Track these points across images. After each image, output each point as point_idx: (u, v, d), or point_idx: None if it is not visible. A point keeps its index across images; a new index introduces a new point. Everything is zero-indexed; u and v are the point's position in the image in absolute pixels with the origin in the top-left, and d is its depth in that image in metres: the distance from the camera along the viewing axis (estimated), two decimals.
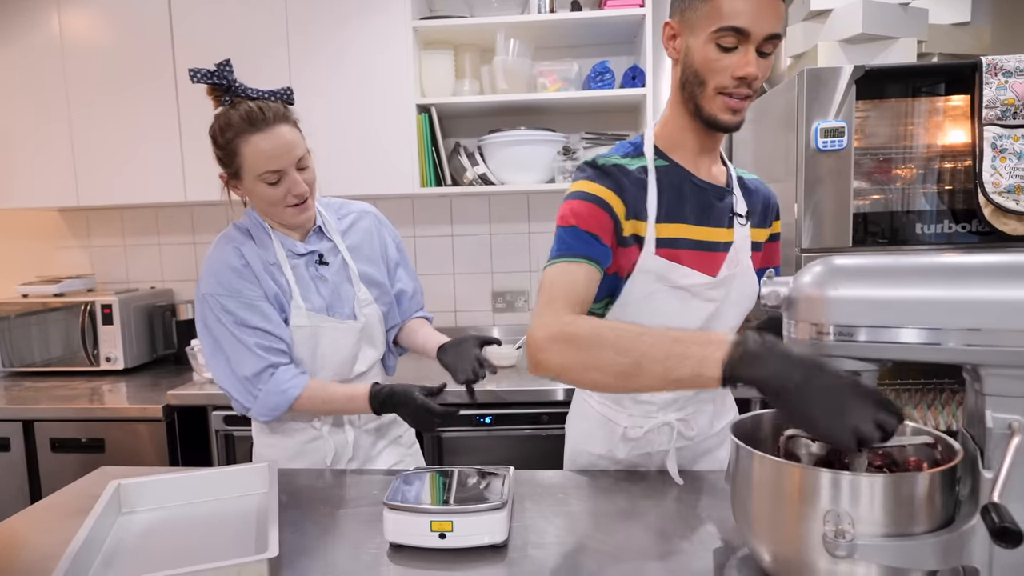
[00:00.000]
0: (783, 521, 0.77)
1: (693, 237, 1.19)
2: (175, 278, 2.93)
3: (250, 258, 1.35)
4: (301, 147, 1.32)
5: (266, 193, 1.31)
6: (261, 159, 1.28)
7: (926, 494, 0.72)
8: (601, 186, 1.14)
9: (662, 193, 1.17)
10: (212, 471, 1.22)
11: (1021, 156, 1.75)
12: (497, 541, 0.99)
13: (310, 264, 1.43)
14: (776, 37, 1.06)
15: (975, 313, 0.70)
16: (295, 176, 1.31)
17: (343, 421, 1.45)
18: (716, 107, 1.11)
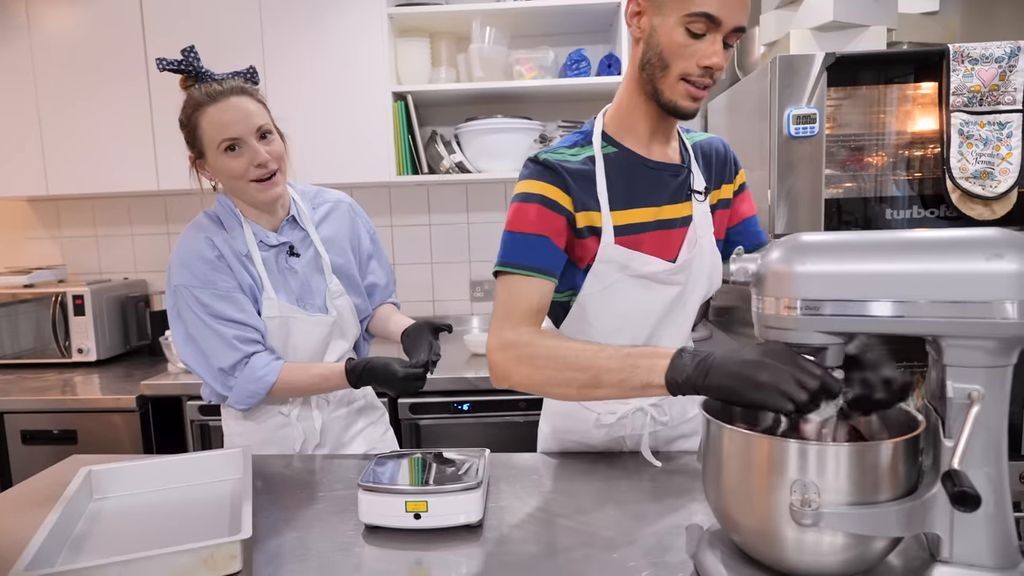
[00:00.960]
0: (751, 493, 0.78)
1: (651, 219, 1.18)
2: (148, 269, 2.88)
3: (222, 248, 1.34)
4: (261, 117, 1.31)
5: (228, 165, 1.30)
6: (218, 128, 1.28)
7: (890, 463, 0.73)
8: (544, 183, 1.12)
9: (612, 181, 1.15)
10: (185, 457, 1.21)
11: (987, 142, 1.79)
12: (472, 521, 0.99)
13: (280, 255, 1.42)
14: (742, 30, 1.06)
15: (934, 285, 0.71)
16: (255, 145, 1.29)
17: (311, 406, 1.45)
18: (677, 93, 1.08)
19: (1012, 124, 1.77)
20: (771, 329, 0.81)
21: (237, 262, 1.35)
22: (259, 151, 1.30)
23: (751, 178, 1.41)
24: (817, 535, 0.74)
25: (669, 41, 1.05)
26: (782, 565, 0.78)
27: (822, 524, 0.71)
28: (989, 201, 1.80)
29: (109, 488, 1.16)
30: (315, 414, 1.45)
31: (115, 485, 1.17)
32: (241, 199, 1.38)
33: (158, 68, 1.30)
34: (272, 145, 1.33)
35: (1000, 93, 1.77)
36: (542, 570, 0.90)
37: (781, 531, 0.75)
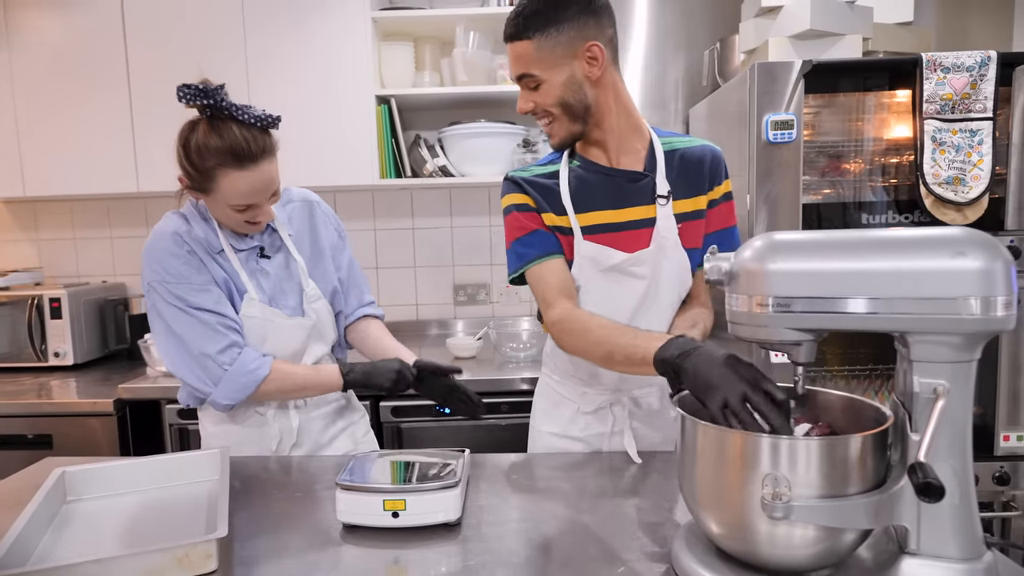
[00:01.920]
0: (724, 486, 0.79)
1: (611, 220, 1.31)
2: (128, 272, 2.85)
3: (192, 244, 1.32)
4: (277, 180, 1.30)
5: (229, 216, 1.30)
6: (238, 195, 1.25)
7: (858, 457, 0.75)
8: (517, 194, 1.34)
9: (575, 188, 1.32)
10: (161, 458, 1.20)
11: (959, 149, 1.82)
12: (451, 519, 1.00)
13: (251, 257, 1.40)
14: (524, 77, 1.24)
15: (901, 282, 0.73)
16: (267, 207, 1.30)
17: (288, 406, 1.43)
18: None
19: (983, 131, 1.81)
20: (743, 326, 0.83)
21: (210, 258, 1.33)
22: (268, 213, 1.32)
23: (732, 185, 1.43)
24: (788, 528, 0.75)
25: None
26: (754, 559, 0.80)
27: (792, 517, 0.72)
28: (961, 207, 1.84)
29: (83, 490, 1.15)
30: (291, 413, 1.43)
31: (89, 487, 1.15)
32: (224, 225, 1.36)
33: (179, 98, 1.22)
34: (276, 197, 1.32)
35: (971, 101, 1.81)
36: (520, 568, 0.91)
37: (753, 525, 0.76)
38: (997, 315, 0.70)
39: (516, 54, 1.22)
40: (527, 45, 1.20)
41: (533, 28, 1.20)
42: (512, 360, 2.29)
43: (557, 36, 1.20)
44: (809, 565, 0.78)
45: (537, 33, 1.20)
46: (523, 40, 1.20)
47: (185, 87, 1.21)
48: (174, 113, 2.40)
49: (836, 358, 2.16)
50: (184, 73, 2.32)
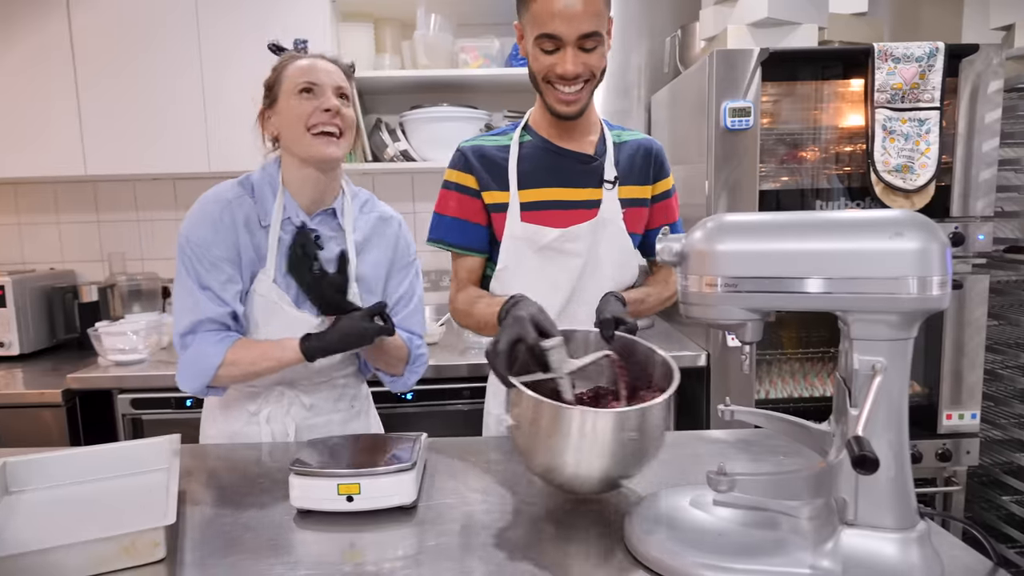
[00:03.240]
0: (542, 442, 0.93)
1: (555, 198, 1.35)
2: (77, 259, 2.77)
3: (235, 213, 1.28)
4: (342, 81, 1.31)
5: (298, 106, 1.27)
6: (301, 73, 1.28)
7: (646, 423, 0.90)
8: (459, 171, 1.39)
9: (523, 164, 1.35)
10: (108, 447, 1.17)
11: (908, 137, 1.88)
12: (406, 502, 0.99)
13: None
14: (593, 35, 1.19)
15: (842, 263, 0.75)
16: (330, 95, 1.28)
17: (284, 406, 1.37)
18: (552, 100, 1.28)
19: (930, 121, 1.87)
20: (694, 306, 0.84)
21: (246, 231, 1.29)
22: (332, 99, 1.28)
23: (691, 171, 1.47)
24: (589, 472, 0.92)
25: (532, 59, 1.26)
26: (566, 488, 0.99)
27: (736, 490, 0.74)
28: (909, 194, 1.90)
29: (26, 481, 1.12)
30: (287, 420, 1.36)
31: (33, 477, 1.12)
32: (296, 153, 1.30)
33: (269, 49, 1.37)
34: (347, 109, 1.31)
35: (920, 91, 1.86)
36: (476, 549, 0.91)
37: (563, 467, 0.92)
38: (932, 294, 0.73)
39: (587, 10, 1.17)
40: (599, 2, 1.19)
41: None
42: (475, 346, 2.29)
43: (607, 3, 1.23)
44: (604, 489, 1.00)
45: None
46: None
47: (273, 44, 1.38)
48: (122, 94, 2.33)
49: (790, 341, 2.21)
50: (132, 53, 2.27)
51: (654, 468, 1.16)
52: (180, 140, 2.33)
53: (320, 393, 1.40)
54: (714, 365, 2.05)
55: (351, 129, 1.31)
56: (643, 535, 0.87)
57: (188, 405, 2.03)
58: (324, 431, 1.38)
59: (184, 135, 2.32)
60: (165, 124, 2.32)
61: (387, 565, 0.88)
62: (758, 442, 1.29)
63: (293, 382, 1.37)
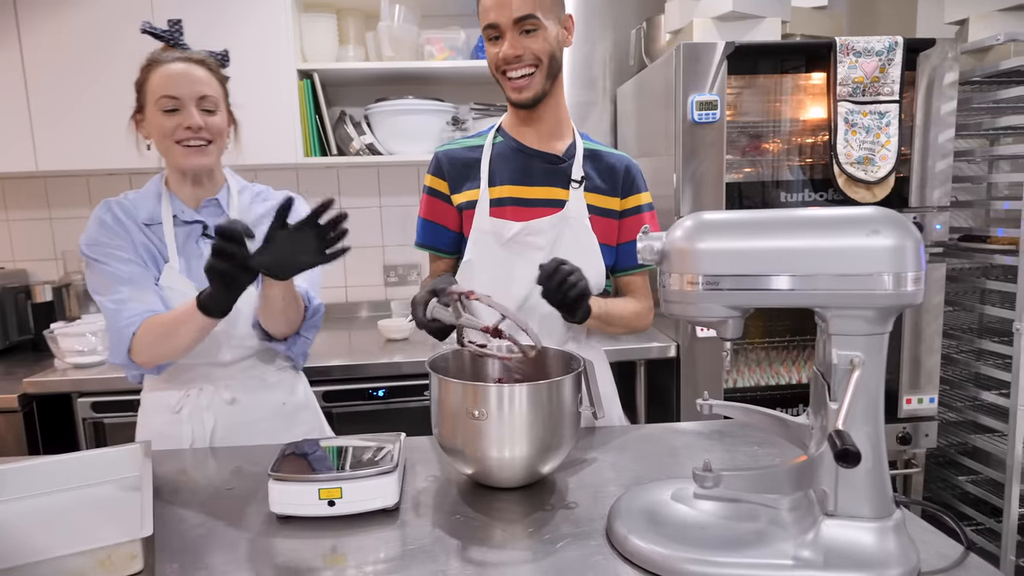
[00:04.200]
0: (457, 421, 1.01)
1: (520, 196, 1.40)
2: (29, 257, 2.66)
3: (121, 214, 1.32)
4: (209, 88, 1.30)
5: (160, 122, 1.27)
6: (161, 86, 1.26)
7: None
8: (433, 176, 1.45)
9: (494, 163, 1.41)
10: (76, 455, 1.13)
11: (869, 130, 1.92)
12: (388, 505, 0.99)
13: (192, 235, 1.36)
14: (528, 18, 1.25)
15: (820, 260, 0.76)
16: (192, 110, 1.27)
17: (202, 404, 1.36)
18: (507, 90, 1.34)
19: (890, 114, 1.92)
20: (675, 304, 0.85)
21: (137, 229, 1.33)
22: (193, 116, 1.27)
23: (658, 164, 1.49)
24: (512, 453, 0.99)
25: (486, 51, 1.33)
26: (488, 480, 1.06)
27: (722, 485, 0.75)
28: (871, 185, 1.95)
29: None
30: (205, 415, 1.35)
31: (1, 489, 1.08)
32: (167, 162, 1.34)
33: (141, 29, 1.31)
34: (212, 118, 1.31)
35: (880, 84, 1.91)
36: (460, 551, 0.91)
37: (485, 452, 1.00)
38: (908, 290, 0.74)
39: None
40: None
41: None
42: (447, 340, 2.27)
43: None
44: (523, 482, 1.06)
45: None
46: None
47: (147, 23, 1.32)
48: (72, 87, 2.24)
49: (757, 331, 2.26)
50: (83, 44, 2.18)
51: (633, 462, 1.18)
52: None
53: (242, 387, 1.39)
54: (684, 356, 2.08)
55: (221, 135, 1.34)
56: (627, 531, 0.88)
57: None
58: (253, 432, 1.37)
59: None
60: (120, 118, 2.24)
61: (370, 568, 0.87)
62: (731, 433, 1.31)
63: (210, 376, 1.37)
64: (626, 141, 2.60)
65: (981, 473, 2.27)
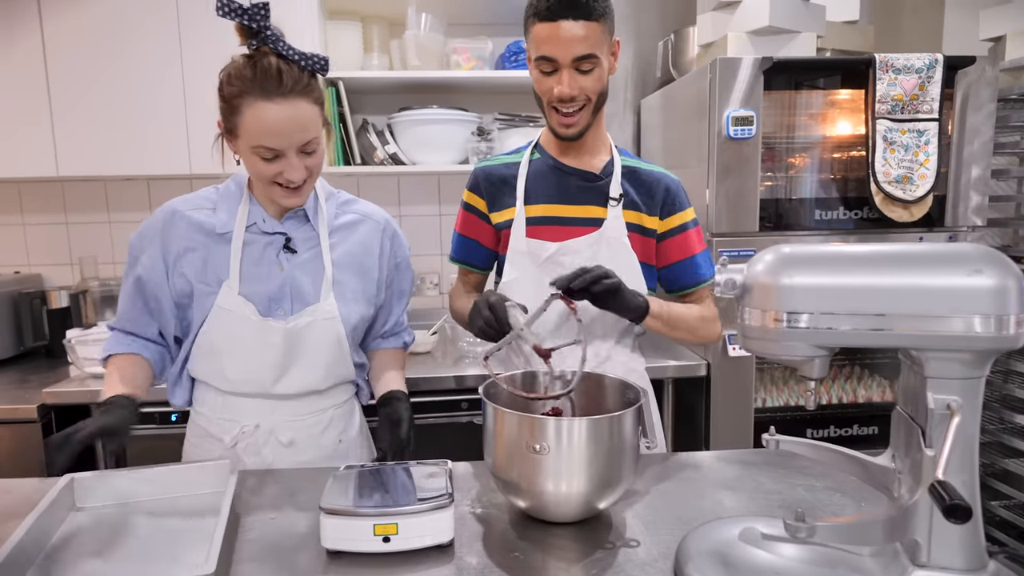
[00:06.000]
0: (513, 454, 0.98)
1: (558, 214, 1.38)
2: (44, 262, 2.62)
3: (186, 227, 1.24)
4: (313, 130, 1.14)
5: (257, 166, 1.15)
6: (261, 132, 1.11)
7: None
8: (472, 193, 1.46)
9: (531, 181, 1.40)
10: (170, 468, 1.13)
11: (908, 148, 1.89)
12: (443, 541, 0.95)
13: (272, 247, 1.26)
14: (588, 58, 1.22)
15: (918, 299, 0.73)
16: (294, 160, 1.14)
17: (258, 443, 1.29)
18: (553, 122, 1.32)
19: (929, 132, 1.89)
20: (755, 340, 0.81)
21: (208, 239, 1.24)
22: (296, 168, 1.14)
23: (686, 177, 1.47)
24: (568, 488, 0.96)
25: (534, 79, 1.30)
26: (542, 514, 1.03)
27: (816, 537, 0.71)
28: (908, 204, 1.91)
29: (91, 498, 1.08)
30: (264, 451, 1.29)
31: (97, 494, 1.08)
32: (256, 192, 1.27)
33: (218, 10, 1.09)
34: (313, 158, 1.17)
35: (919, 102, 1.88)
36: None
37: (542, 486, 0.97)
38: (1009, 333, 0.71)
39: (582, 34, 1.20)
40: (596, 26, 1.22)
41: (601, 10, 1.22)
42: (469, 355, 2.24)
43: (608, 23, 1.25)
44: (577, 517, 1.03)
45: (603, 17, 1.23)
46: (593, 21, 1.21)
47: (226, 2, 1.09)
48: (98, 93, 2.21)
49: None
50: (107, 51, 2.14)
51: (685, 494, 1.14)
52: (160, 141, 2.21)
53: (302, 427, 1.31)
54: (714, 374, 2.05)
55: (319, 167, 1.21)
56: (696, 564, 0.84)
57: (173, 420, 1.94)
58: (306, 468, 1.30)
59: (164, 136, 2.21)
60: (144, 124, 2.21)
61: None
62: (782, 464, 1.27)
63: (268, 411, 1.29)
64: (651, 153, 2.56)
65: (1014, 498, 2.23)
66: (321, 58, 1.15)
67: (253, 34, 1.11)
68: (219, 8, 1.08)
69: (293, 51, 1.13)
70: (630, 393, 1.08)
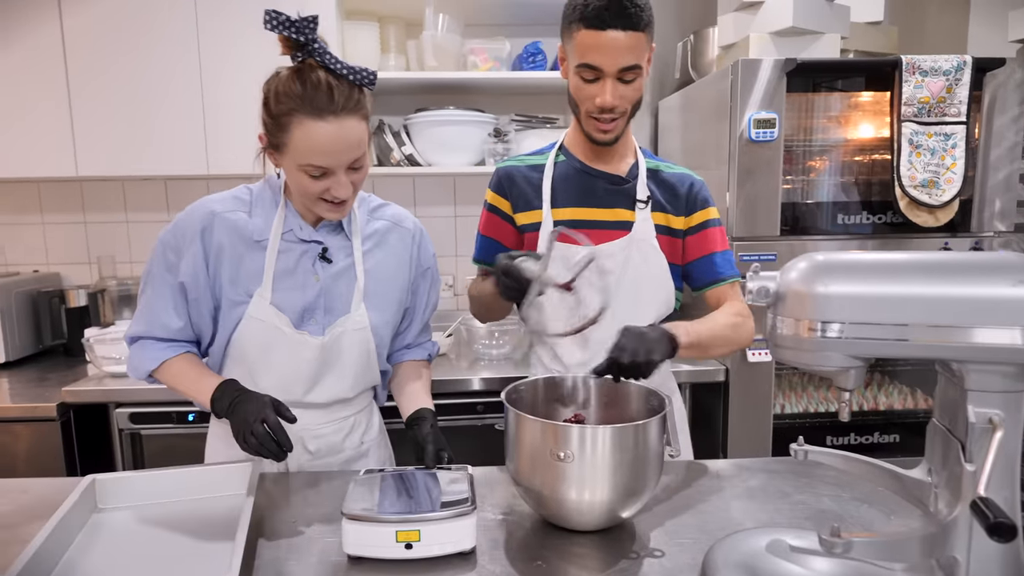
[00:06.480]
0: (536, 461, 0.97)
1: (586, 218, 1.36)
2: (62, 261, 2.64)
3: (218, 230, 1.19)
4: (361, 147, 1.11)
5: (303, 183, 1.12)
6: (310, 150, 1.08)
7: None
8: (495, 193, 1.43)
9: (556, 184, 1.38)
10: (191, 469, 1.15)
11: (934, 152, 1.86)
12: (465, 548, 0.94)
13: (308, 255, 1.23)
14: (633, 68, 1.21)
15: (959, 310, 0.71)
16: (342, 178, 1.11)
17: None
18: (589, 128, 1.30)
19: (956, 135, 1.85)
20: (787, 349, 0.79)
21: (244, 245, 1.19)
22: (344, 185, 1.12)
23: (707, 179, 1.45)
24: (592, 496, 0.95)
25: (573, 86, 1.27)
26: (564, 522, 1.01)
27: (853, 553, 0.70)
28: (934, 209, 1.88)
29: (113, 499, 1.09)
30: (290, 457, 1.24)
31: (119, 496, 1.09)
32: (298, 206, 1.23)
33: (266, 23, 1.04)
34: (359, 173, 1.14)
35: (946, 105, 1.85)
36: None
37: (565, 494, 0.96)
38: None
39: (628, 44, 1.18)
40: (642, 36, 1.20)
41: (647, 20, 1.20)
42: (484, 357, 2.23)
43: (651, 32, 1.23)
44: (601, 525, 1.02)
45: (648, 27, 1.21)
46: (639, 31, 1.19)
47: (273, 11, 1.04)
48: (116, 93, 2.21)
49: None
50: (127, 52, 2.15)
51: (710, 503, 1.12)
52: (177, 141, 2.22)
53: (327, 433, 1.30)
54: (732, 379, 2.02)
55: (360, 185, 1.18)
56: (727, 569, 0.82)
57: (190, 420, 1.94)
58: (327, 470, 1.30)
59: (182, 136, 2.22)
60: (162, 124, 2.22)
61: None
62: (805, 472, 1.25)
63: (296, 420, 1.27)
64: (670, 155, 2.54)
65: None
66: (370, 72, 1.11)
67: (299, 46, 1.07)
68: (267, 22, 1.05)
69: (341, 64, 1.08)
70: (654, 400, 1.07)
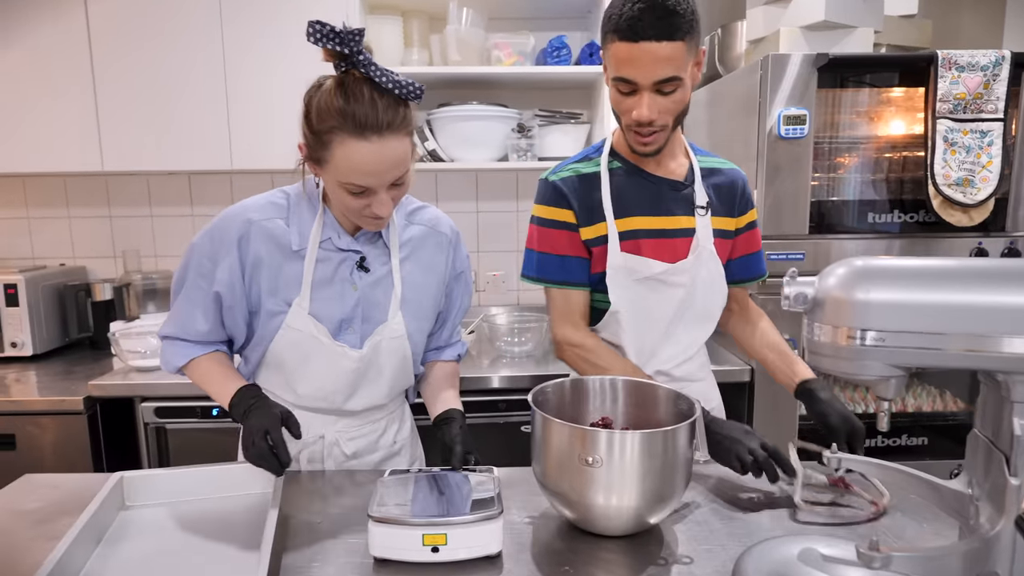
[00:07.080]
0: (564, 465, 0.96)
1: (650, 227, 1.30)
2: (88, 255, 2.67)
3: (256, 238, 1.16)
4: (404, 165, 1.07)
5: (344, 199, 1.09)
6: (352, 169, 1.04)
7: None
8: (554, 208, 1.31)
9: (616, 191, 1.31)
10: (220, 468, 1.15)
11: (970, 150, 1.81)
12: (492, 552, 0.93)
13: (345, 264, 1.21)
14: (671, 80, 1.14)
15: (1006, 319, 0.68)
16: (383, 196, 1.08)
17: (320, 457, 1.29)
18: (631, 139, 1.25)
19: (993, 133, 1.80)
20: (825, 357, 0.77)
21: (281, 254, 1.17)
22: (385, 204, 1.09)
23: None
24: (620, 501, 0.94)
25: (611, 98, 1.23)
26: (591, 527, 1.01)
27: (892, 567, 0.68)
28: (968, 208, 1.84)
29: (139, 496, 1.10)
30: (327, 462, 1.29)
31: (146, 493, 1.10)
32: (338, 215, 1.21)
33: (309, 35, 1.01)
34: (401, 188, 1.11)
35: (983, 101, 1.79)
36: None
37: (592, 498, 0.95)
38: None
39: (666, 56, 1.11)
40: (681, 45, 1.12)
41: (687, 29, 1.12)
42: (507, 355, 2.22)
43: (695, 37, 1.15)
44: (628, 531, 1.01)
45: (688, 35, 1.12)
46: (676, 41, 1.11)
47: (317, 23, 1.00)
48: (142, 88, 2.23)
49: None
50: (153, 46, 2.16)
51: (737, 508, 1.10)
52: (202, 136, 2.23)
53: (364, 437, 1.31)
54: (758, 380, 1.99)
55: (401, 198, 1.15)
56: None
57: (215, 414, 1.96)
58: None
59: (206, 131, 2.22)
60: (186, 119, 2.23)
61: None
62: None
63: (334, 426, 1.28)
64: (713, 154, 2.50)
65: None
66: (416, 85, 1.05)
67: (344, 58, 1.03)
68: (311, 35, 1.01)
69: (386, 77, 1.03)
70: (683, 403, 1.05)
